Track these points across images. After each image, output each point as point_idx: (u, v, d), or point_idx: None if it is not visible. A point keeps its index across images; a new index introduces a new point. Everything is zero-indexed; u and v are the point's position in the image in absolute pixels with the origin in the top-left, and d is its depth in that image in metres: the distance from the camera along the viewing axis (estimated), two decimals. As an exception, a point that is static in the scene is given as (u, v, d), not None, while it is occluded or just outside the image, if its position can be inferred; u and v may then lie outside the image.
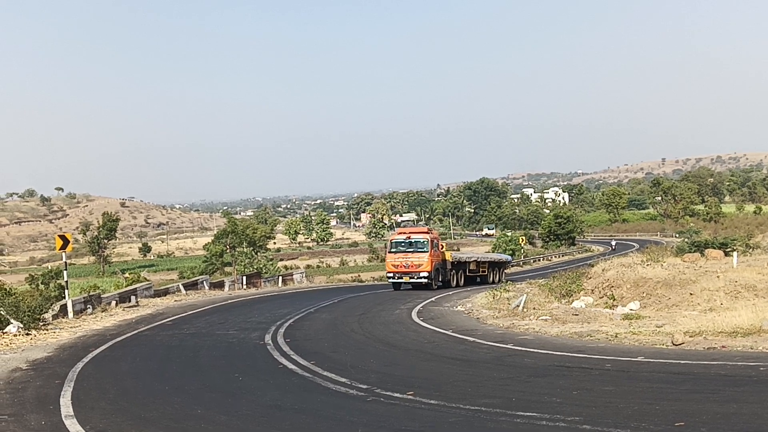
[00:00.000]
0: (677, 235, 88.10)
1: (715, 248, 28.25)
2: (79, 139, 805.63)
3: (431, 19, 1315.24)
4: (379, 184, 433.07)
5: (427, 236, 35.59)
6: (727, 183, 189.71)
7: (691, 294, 19.78)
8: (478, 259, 42.20)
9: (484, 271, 41.99)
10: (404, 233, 36.80)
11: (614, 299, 21.75)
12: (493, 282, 40.87)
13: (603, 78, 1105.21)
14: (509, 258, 51.88)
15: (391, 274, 35.65)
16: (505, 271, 47.04)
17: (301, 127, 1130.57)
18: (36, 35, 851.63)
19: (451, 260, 37.13)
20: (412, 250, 34.95)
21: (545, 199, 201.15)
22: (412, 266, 34.69)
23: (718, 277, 20.32)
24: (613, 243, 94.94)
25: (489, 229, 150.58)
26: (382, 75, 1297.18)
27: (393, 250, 35.77)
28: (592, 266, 27.63)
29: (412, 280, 34.84)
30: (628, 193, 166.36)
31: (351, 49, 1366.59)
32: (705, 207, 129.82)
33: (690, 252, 27.79)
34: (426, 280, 34.42)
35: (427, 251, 34.60)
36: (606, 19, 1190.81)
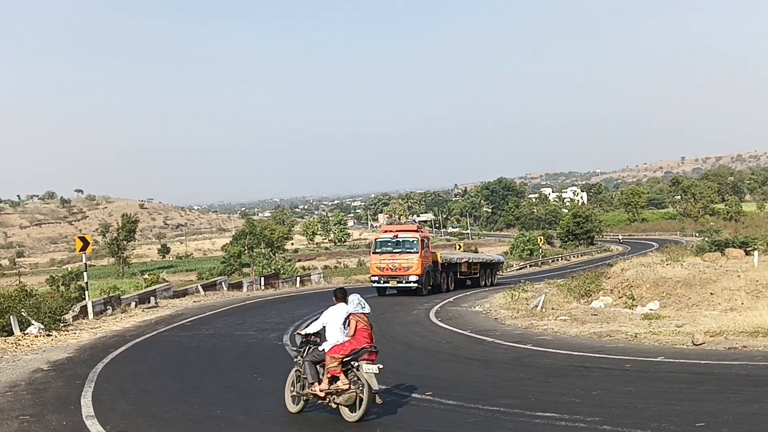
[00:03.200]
0: (697, 235, 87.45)
1: (735, 247, 27.99)
2: (99, 141, 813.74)
3: (447, 18, 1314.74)
4: (396, 185, 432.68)
5: (417, 235, 31.89)
6: (748, 181, 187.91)
7: (711, 294, 19.64)
8: (470, 260, 38.88)
9: (476, 273, 38.97)
10: (391, 231, 32.73)
11: (634, 299, 21.61)
12: (485, 285, 38.80)
13: (621, 76, 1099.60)
14: (502, 258, 49.13)
15: (376, 278, 31.79)
16: (498, 273, 44.18)
17: (318, 127, 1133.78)
18: (53, 39, 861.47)
19: (441, 262, 33.90)
20: (399, 250, 31.28)
21: (563, 199, 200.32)
22: (399, 269, 31.06)
23: (738, 276, 20.15)
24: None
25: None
26: (399, 75, 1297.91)
27: (378, 250, 31.89)
28: (611, 266, 27.48)
29: (399, 285, 31.20)
30: (648, 193, 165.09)
31: (368, 50, 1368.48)
32: (725, 206, 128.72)
33: (710, 251, 27.55)
34: (415, 285, 30.98)
35: (417, 252, 30.99)
36: (624, 17, 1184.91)
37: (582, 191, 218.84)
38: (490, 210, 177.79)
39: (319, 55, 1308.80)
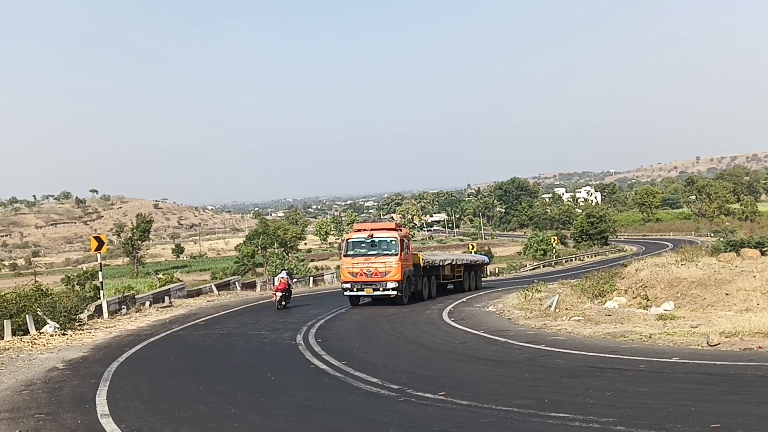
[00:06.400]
0: (712, 235, 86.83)
1: (751, 248, 27.76)
2: (113, 141, 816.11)
3: (459, 19, 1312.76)
4: (409, 185, 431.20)
5: (396, 234, 27.58)
6: (764, 181, 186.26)
7: (726, 294, 19.53)
8: (454, 262, 34.79)
9: (460, 276, 34.99)
10: (365, 230, 28.37)
11: (648, 299, 21.53)
12: (470, 289, 35.57)
13: (635, 76, 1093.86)
14: (486, 259, 45.48)
15: (348, 285, 27.37)
16: (482, 275, 40.70)
17: (331, 128, 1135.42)
18: (64, 39, 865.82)
19: (423, 265, 29.79)
20: (375, 252, 27.26)
21: (577, 199, 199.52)
22: (376, 274, 26.87)
23: (754, 276, 20.03)
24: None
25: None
26: (412, 75, 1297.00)
27: (350, 252, 27.66)
28: (626, 266, 27.38)
29: (376, 293, 27.11)
30: (662, 192, 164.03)
31: (380, 50, 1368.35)
32: (741, 206, 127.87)
33: (725, 251, 27.34)
34: (394, 293, 26.86)
35: (396, 254, 26.88)
36: (638, 16, 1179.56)
37: (596, 191, 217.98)
38: (504, 210, 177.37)
39: (331, 55, 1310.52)
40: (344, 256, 27.93)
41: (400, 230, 28.70)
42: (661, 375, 11.63)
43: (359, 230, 28.63)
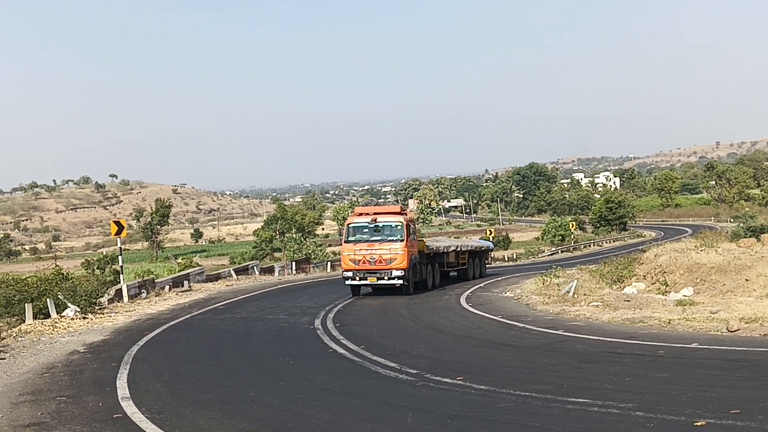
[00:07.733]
0: (732, 220, 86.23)
1: (772, 233, 27.54)
2: (133, 127, 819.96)
3: (477, 4, 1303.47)
4: (427, 170, 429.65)
5: (401, 218, 25.58)
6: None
7: (746, 280, 19.36)
8: (459, 249, 32.60)
9: (464, 263, 32.88)
10: (368, 214, 26.42)
11: (667, 285, 21.39)
12: (474, 277, 33.39)
13: (654, 61, 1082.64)
14: (491, 245, 42.89)
15: (350, 273, 25.43)
16: (486, 261, 38.40)
17: (348, 113, 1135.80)
18: (85, 25, 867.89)
19: (427, 252, 28.05)
20: (379, 238, 25.27)
21: (596, 184, 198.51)
22: (380, 261, 24.92)
23: (775, 262, 19.84)
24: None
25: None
26: (430, 60, 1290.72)
27: (352, 238, 25.75)
28: (644, 252, 27.20)
29: (380, 282, 25.19)
30: (681, 178, 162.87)
31: (399, 35, 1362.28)
32: (761, 191, 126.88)
33: (745, 237, 27.15)
34: (400, 282, 25.01)
35: (402, 240, 24.96)
36: (657, 2, 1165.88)
37: (615, 176, 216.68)
38: (522, 195, 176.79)
39: (349, 41, 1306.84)
40: (345, 242, 26.04)
41: (406, 214, 26.90)
42: (681, 361, 11.59)
43: (361, 214, 26.88)
